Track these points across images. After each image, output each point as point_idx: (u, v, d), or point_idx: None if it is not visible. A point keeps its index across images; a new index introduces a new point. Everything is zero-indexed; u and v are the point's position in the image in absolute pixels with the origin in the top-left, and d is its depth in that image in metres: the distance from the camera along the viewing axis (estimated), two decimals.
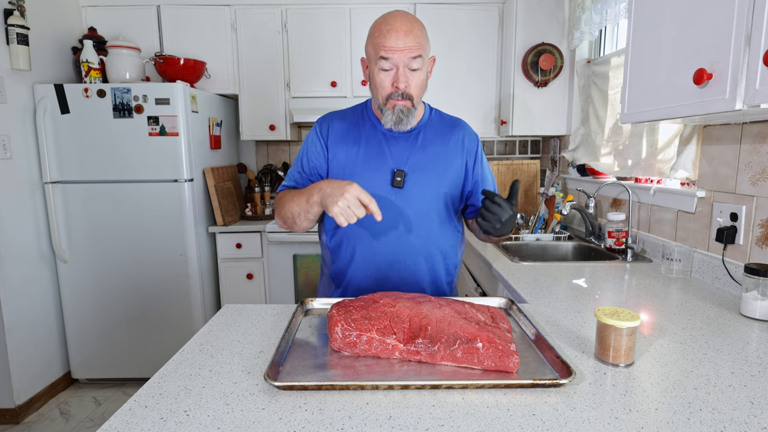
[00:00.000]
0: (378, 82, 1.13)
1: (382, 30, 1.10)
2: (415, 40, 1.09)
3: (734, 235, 1.39)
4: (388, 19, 1.10)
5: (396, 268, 1.22)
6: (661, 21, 1.24)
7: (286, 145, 3.20)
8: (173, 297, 2.52)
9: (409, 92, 1.12)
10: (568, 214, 2.37)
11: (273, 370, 0.79)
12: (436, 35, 2.76)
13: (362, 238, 1.21)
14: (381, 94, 1.14)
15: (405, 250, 1.21)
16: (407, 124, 1.16)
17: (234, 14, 2.73)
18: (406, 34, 1.08)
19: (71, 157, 2.38)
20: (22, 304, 2.29)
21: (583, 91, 2.50)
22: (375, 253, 1.21)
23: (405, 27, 1.08)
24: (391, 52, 1.08)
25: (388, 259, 1.22)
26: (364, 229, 1.21)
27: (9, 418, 2.24)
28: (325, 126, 1.25)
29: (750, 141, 1.35)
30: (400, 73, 1.10)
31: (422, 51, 1.11)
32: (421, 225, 1.21)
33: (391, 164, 1.20)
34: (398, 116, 1.14)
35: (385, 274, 1.23)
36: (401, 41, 1.08)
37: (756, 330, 1.05)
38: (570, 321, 1.10)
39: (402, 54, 1.08)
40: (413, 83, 1.12)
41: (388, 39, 1.08)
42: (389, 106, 1.14)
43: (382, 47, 1.09)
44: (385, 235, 1.20)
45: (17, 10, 2.21)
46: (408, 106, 1.14)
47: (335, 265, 1.27)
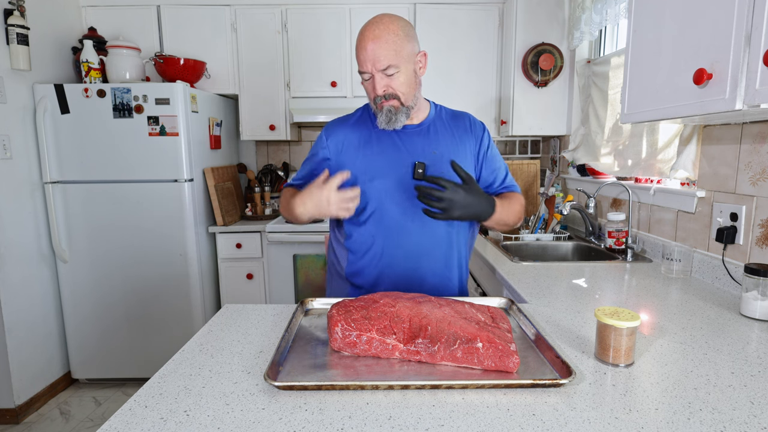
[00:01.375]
0: (365, 88, 1.21)
1: (358, 41, 1.15)
2: (384, 47, 1.11)
3: (734, 235, 1.39)
4: (363, 29, 1.15)
5: (424, 260, 1.23)
6: (661, 21, 1.24)
7: (286, 145, 3.20)
8: (173, 297, 2.52)
9: (391, 93, 1.16)
10: (568, 214, 2.37)
11: (273, 370, 0.79)
12: (436, 35, 2.76)
13: (394, 233, 1.22)
14: (370, 98, 1.21)
15: (429, 240, 1.23)
16: (398, 122, 1.19)
17: (234, 14, 2.73)
18: (375, 43, 1.11)
19: (71, 157, 2.38)
20: (22, 304, 2.29)
21: (583, 91, 2.50)
22: (403, 248, 1.22)
23: (373, 35, 1.12)
24: (363, 64, 1.14)
25: (415, 251, 1.22)
26: (393, 224, 1.22)
27: (9, 418, 2.24)
28: (332, 138, 1.26)
29: (750, 141, 1.35)
30: (376, 81, 1.14)
31: (394, 57, 1.12)
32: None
33: (408, 158, 1.22)
34: (387, 115, 1.18)
35: (412, 267, 1.23)
36: (369, 52, 1.12)
37: (756, 330, 1.05)
38: (570, 321, 1.10)
39: (372, 64, 1.13)
40: (394, 84, 1.15)
41: (359, 50, 1.14)
42: (378, 107, 1.19)
43: (357, 59, 1.16)
44: (410, 229, 1.22)
45: (17, 10, 2.21)
46: (396, 105, 1.17)
47: (358, 264, 1.26)
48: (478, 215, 1.14)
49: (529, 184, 2.79)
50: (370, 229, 1.23)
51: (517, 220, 1.27)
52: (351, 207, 1.09)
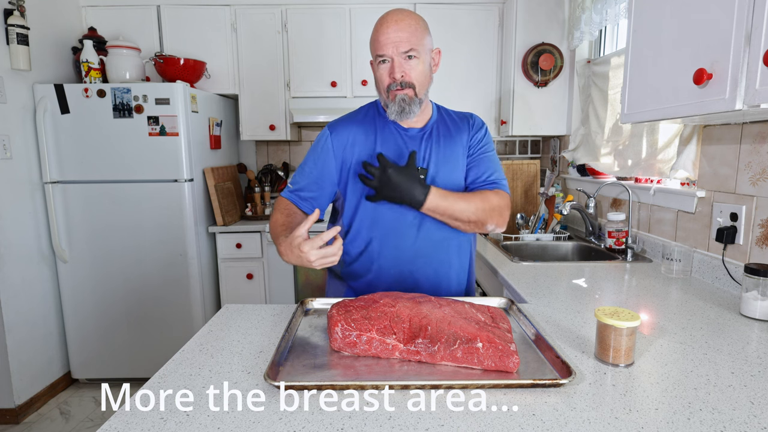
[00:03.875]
0: (378, 77, 1.17)
1: (377, 27, 1.14)
2: (407, 30, 1.10)
3: (734, 235, 1.39)
4: (383, 16, 1.14)
5: (420, 264, 1.22)
6: (661, 21, 1.24)
7: (286, 145, 3.20)
8: (173, 297, 2.52)
9: (407, 81, 1.13)
10: (568, 214, 2.37)
11: (273, 370, 0.79)
12: (436, 35, 2.73)
13: (391, 236, 1.21)
14: (382, 87, 1.17)
15: (426, 245, 1.21)
16: (411, 113, 1.16)
17: (234, 14, 2.73)
18: (397, 25, 1.10)
19: (71, 157, 2.38)
20: (22, 304, 2.29)
21: (583, 91, 2.50)
22: (400, 250, 1.21)
23: (396, 18, 1.11)
24: (384, 47, 1.11)
25: (411, 256, 1.21)
26: (391, 227, 1.20)
27: (9, 418, 2.24)
28: (337, 135, 1.22)
29: (750, 141, 1.35)
30: (396, 64, 1.12)
31: (416, 42, 1.12)
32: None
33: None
34: (400, 105, 1.14)
35: (409, 269, 1.22)
36: (393, 34, 1.10)
37: (756, 330, 1.05)
38: (570, 321, 1.10)
39: (394, 46, 1.10)
40: (412, 72, 1.13)
41: (380, 34, 1.12)
42: (391, 97, 1.15)
43: (376, 43, 1.13)
44: (408, 233, 1.20)
45: (17, 10, 2.21)
46: (410, 95, 1.14)
47: (353, 266, 1.26)
48: (409, 199, 1.10)
49: (529, 184, 2.79)
50: (364, 233, 1.22)
51: (482, 218, 1.15)
52: (334, 259, 1.00)
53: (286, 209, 1.21)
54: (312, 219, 1.02)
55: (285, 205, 1.23)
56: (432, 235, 1.22)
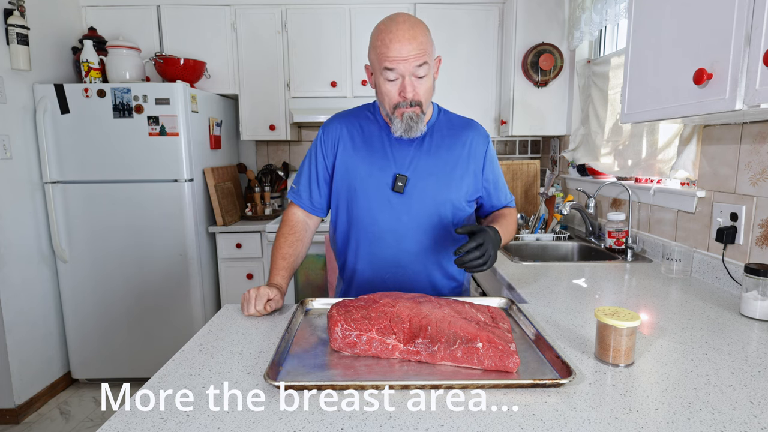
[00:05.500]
0: (384, 92, 1.11)
1: (385, 39, 1.05)
2: (419, 47, 1.05)
3: (734, 235, 1.39)
4: (391, 27, 1.05)
5: (394, 273, 1.23)
6: (661, 21, 1.24)
7: (286, 145, 3.20)
8: (173, 297, 2.52)
9: (417, 99, 1.09)
10: (568, 214, 2.36)
11: (273, 370, 0.79)
12: (436, 35, 2.71)
13: (366, 240, 1.22)
14: (388, 103, 1.12)
15: (403, 255, 1.21)
16: (417, 131, 1.13)
17: (234, 14, 2.73)
18: (410, 42, 1.03)
19: (71, 157, 2.38)
20: (22, 304, 2.29)
21: (583, 91, 2.50)
22: (376, 257, 1.22)
23: (408, 34, 1.04)
24: (396, 63, 1.05)
25: (387, 264, 1.22)
26: (367, 232, 1.22)
27: (9, 418, 2.24)
28: (327, 134, 1.24)
29: (750, 141, 1.35)
30: (407, 83, 1.07)
31: (427, 57, 1.07)
32: (420, 231, 1.20)
33: (393, 168, 1.18)
34: (407, 123, 1.11)
35: (384, 278, 1.23)
36: (405, 50, 1.03)
37: (756, 330, 1.05)
38: (570, 321, 1.10)
39: (407, 63, 1.05)
40: (421, 90, 1.09)
41: (391, 49, 1.04)
42: (398, 114, 1.11)
43: (385, 58, 1.05)
44: (384, 240, 1.21)
45: (17, 10, 2.21)
46: (417, 113, 1.11)
47: (343, 264, 1.30)
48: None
49: (529, 184, 2.79)
50: (352, 234, 1.24)
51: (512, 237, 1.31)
52: (256, 306, 1.09)
53: (289, 222, 1.26)
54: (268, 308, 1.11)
55: (288, 218, 1.27)
56: (409, 249, 1.21)
